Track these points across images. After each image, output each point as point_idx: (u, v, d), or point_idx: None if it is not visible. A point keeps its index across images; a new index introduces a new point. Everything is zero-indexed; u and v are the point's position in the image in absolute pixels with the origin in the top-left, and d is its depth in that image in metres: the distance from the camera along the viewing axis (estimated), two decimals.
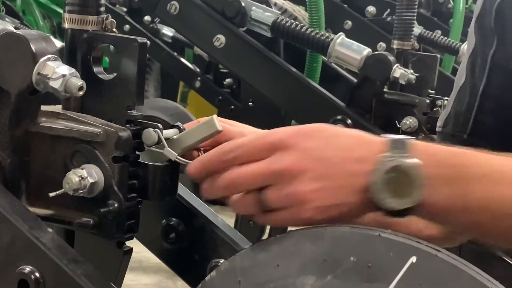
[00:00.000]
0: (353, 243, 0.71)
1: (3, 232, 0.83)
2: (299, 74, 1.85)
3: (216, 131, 0.86)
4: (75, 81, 0.84)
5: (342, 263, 0.70)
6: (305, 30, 1.83)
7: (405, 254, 0.68)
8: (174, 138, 0.87)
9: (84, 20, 0.88)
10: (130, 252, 0.91)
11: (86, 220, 0.87)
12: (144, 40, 0.87)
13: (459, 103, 1.13)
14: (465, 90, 1.13)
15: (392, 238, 0.70)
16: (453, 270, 0.67)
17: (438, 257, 0.67)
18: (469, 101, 1.11)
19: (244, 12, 1.87)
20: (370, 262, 0.69)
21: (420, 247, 0.68)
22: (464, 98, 1.12)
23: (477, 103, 1.10)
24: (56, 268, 0.80)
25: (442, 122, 1.16)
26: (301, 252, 0.73)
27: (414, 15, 2.03)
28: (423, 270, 0.67)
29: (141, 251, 0.99)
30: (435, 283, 0.67)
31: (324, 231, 0.73)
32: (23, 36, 0.84)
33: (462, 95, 1.13)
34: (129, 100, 0.87)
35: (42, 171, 0.89)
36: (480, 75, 1.10)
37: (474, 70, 1.11)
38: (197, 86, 2.94)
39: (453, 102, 1.15)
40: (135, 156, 0.87)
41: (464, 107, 1.12)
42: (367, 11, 2.86)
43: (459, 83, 1.15)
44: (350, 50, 1.78)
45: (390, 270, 0.68)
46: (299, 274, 0.72)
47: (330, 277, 0.70)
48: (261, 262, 0.75)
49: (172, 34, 3.01)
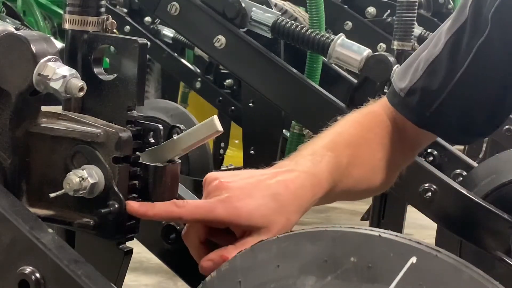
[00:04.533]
0: (353, 244, 0.71)
1: (4, 232, 0.83)
2: (300, 75, 1.85)
3: (216, 131, 0.86)
4: (76, 82, 0.84)
5: (343, 264, 0.70)
6: (305, 31, 1.83)
7: (405, 254, 0.68)
8: (175, 139, 0.88)
9: (85, 21, 0.88)
10: (131, 253, 0.92)
11: (86, 220, 0.87)
12: (145, 41, 0.87)
13: (430, 78, 1.09)
14: (440, 66, 1.08)
15: (392, 238, 0.70)
16: (453, 270, 0.67)
17: (438, 258, 0.67)
18: (442, 82, 1.08)
19: (244, 13, 1.87)
20: (370, 263, 0.69)
21: (420, 248, 0.68)
22: (438, 75, 1.08)
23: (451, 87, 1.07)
24: (57, 268, 0.80)
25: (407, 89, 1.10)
26: (302, 253, 0.73)
27: (414, 16, 2.03)
28: (423, 270, 0.67)
29: (141, 251, 0.99)
30: (435, 283, 0.67)
31: (324, 232, 0.73)
32: (23, 37, 0.84)
33: (436, 69, 1.09)
34: (129, 100, 0.87)
35: (43, 172, 0.89)
36: (462, 60, 1.06)
37: (457, 52, 1.07)
38: (198, 87, 2.94)
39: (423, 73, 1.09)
40: (135, 157, 0.87)
41: (436, 86, 1.08)
42: (367, 12, 2.86)
43: (434, 52, 1.09)
44: (350, 51, 1.78)
45: (390, 270, 0.68)
46: (299, 274, 0.72)
47: (331, 278, 0.70)
48: (261, 263, 0.75)
49: (173, 35, 3.01)
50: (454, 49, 1.08)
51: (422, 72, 1.10)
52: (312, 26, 1.87)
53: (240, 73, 1.92)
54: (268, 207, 0.87)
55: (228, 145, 3.16)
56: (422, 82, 1.10)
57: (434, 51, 1.10)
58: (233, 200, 0.86)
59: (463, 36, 1.06)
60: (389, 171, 1.12)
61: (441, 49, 1.09)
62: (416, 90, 1.10)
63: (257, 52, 1.84)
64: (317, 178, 0.95)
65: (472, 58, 1.06)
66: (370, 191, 1.13)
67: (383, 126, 1.11)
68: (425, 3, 3.08)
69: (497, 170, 1.80)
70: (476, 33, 1.05)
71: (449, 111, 1.09)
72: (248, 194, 0.87)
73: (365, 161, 1.07)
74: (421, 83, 1.10)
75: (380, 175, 1.10)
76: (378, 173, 1.09)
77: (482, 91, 1.08)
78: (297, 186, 0.91)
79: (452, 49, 1.08)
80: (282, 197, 0.89)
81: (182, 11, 1.87)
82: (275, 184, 0.90)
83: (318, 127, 1.81)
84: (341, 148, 1.03)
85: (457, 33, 1.08)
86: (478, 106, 1.09)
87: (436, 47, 1.10)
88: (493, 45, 1.04)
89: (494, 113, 1.11)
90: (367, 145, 1.08)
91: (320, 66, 1.94)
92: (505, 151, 2.01)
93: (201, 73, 2.95)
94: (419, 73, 1.11)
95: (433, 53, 1.10)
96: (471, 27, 1.06)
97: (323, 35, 1.81)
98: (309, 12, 1.90)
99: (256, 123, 2.18)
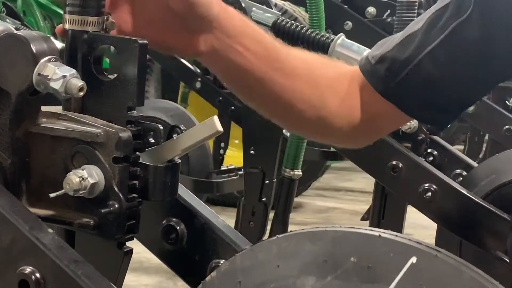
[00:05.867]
0: (353, 244, 0.71)
1: (4, 232, 0.83)
2: None
3: (216, 131, 0.86)
4: (76, 82, 0.84)
5: (343, 264, 0.70)
6: (305, 31, 1.83)
7: (405, 254, 0.68)
8: (175, 139, 0.88)
9: (85, 21, 0.88)
10: (131, 253, 0.92)
11: (86, 220, 0.87)
12: (145, 41, 0.87)
13: (402, 49, 1.09)
14: (413, 39, 1.09)
15: (393, 238, 0.70)
16: (453, 270, 0.67)
17: (438, 258, 0.67)
18: (412, 53, 1.08)
19: (244, 12, 1.87)
20: (370, 263, 0.69)
21: (420, 248, 0.68)
22: (408, 46, 1.09)
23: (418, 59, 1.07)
24: (57, 268, 0.80)
25: (378, 56, 1.11)
26: (302, 253, 0.73)
27: (415, 16, 2.03)
28: (423, 270, 0.67)
29: (141, 251, 0.99)
30: (435, 283, 0.67)
31: (324, 232, 0.73)
32: (23, 37, 0.84)
33: (409, 41, 1.09)
34: (129, 101, 0.87)
35: (43, 172, 0.89)
36: (435, 35, 1.07)
37: (433, 27, 1.08)
38: (198, 87, 2.94)
39: (396, 44, 1.10)
40: (135, 157, 0.87)
41: (404, 57, 1.08)
42: (368, 12, 2.86)
43: (413, 27, 1.11)
44: (351, 51, 1.78)
45: (391, 270, 0.68)
46: (299, 274, 0.72)
47: (331, 278, 0.70)
48: (261, 263, 0.75)
49: None
50: (431, 25, 1.08)
51: (396, 43, 1.11)
52: (312, 26, 1.87)
53: None
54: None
55: (228, 145, 3.16)
56: (394, 52, 1.10)
57: (415, 27, 1.11)
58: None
59: (444, 14, 1.07)
60: (325, 120, 1.10)
61: (421, 25, 1.10)
62: (386, 58, 1.10)
63: None
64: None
65: (446, 35, 1.06)
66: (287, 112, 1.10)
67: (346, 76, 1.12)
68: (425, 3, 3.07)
69: (497, 170, 1.80)
70: (457, 13, 1.06)
71: (413, 83, 1.09)
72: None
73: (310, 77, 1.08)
74: (392, 53, 1.10)
75: (314, 118, 1.09)
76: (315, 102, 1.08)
77: (451, 68, 1.08)
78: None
79: (429, 25, 1.09)
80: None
81: None
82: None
83: None
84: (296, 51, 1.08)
85: (439, 11, 1.09)
86: (445, 83, 1.09)
87: (417, 23, 1.11)
88: (472, 26, 1.05)
89: (462, 93, 1.11)
90: (322, 70, 1.10)
91: None
92: (505, 151, 2.01)
93: (201, 73, 2.95)
94: (393, 44, 1.11)
95: (413, 27, 1.11)
96: (454, 7, 1.07)
97: (323, 35, 1.81)
98: (309, 12, 1.90)
99: (256, 123, 2.18)
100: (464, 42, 1.06)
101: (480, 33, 1.04)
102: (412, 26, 1.12)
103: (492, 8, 1.04)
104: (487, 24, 1.04)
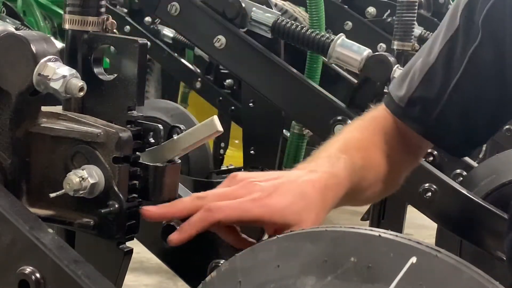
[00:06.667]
0: (353, 244, 0.71)
1: (4, 232, 0.83)
2: (300, 75, 1.85)
3: (216, 131, 0.86)
4: (76, 82, 0.84)
5: (343, 264, 0.70)
6: (305, 31, 1.83)
7: (405, 254, 0.68)
8: (175, 139, 0.88)
9: (85, 21, 0.88)
10: (131, 253, 0.92)
11: (86, 220, 0.87)
12: (145, 41, 0.87)
13: (428, 87, 1.11)
14: (436, 75, 1.10)
15: (393, 238, 0.70)
16: (453, 270, 0.67)
17: (438, 258, 0.67)
18: (439, 91, 1.09)
19: (244, 13, 1.87)
20: (370, 263, 0.69)
21: (420, 248, 0.68)
22: (435, 83, 1.10)
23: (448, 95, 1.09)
24: (57, 268, 0.80)
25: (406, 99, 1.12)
26: (302, 253, 0.73)
27: (415, 16, 2.03)
28: (423, 270, 0.67)
29: (141, 251, 0.99)
30: (435, 283, 0.67)
31: (324, 232, 0.73)
32: (23, 37, 0.84)
33: (432, 78, 1.11)
34: (129, 101, 0.87)
35: (43, 172, 0.89)
36: (457, 66, 1.08)
37: (451, 59, 1.09)
38: (198, 87, 2.94)
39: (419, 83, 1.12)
40: (135, 157, 0.87)
41: (434, 95, 1.10)
42: (368, 12, 2.86)
43: (428, 61, 1.12)
44: (351, 51, 1.78)
45: (390, 270, 0.68)
46: (299, 274, 0.72)
47: (331, 278, 0.70)
48: (261, 263, 0.75)
49: (173, 35, 3.01)
50: (448, 56, 1.10)
51: (419, 82, 1.12)
52: (312, 26, 1.87)
53: (240, 73, 1.91)
54: (298, 205, 0.90)
55: (228, 145, 3.16)
56: (420, 91, 1.12)
57: (429, 60, 1.12)
58: (266, 199, 0.89)
59: (457, 43, 1.09)
60: (396, 173, 1.14)
61: (436, 57, 1.11)
62: (416, 100, 1.12)
63: (257, 52, 1.84)
64: (338, 178, 0.98)
65: (466, 63, 1.08)
66: (381, 193, 1.16)
67: (387, 131, 1.13)
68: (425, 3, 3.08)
69: (497, 170, 1.80)
70: (469, 39, 1.07)
71: (449, 118, 1.11)
72: (278, 193, 0.90)
73: (376, 163, 1.09)
74: (419, 92, 1.12)
75: (389, 178, 1.12)
76: (387, 176, 1.11)
77: (479, 94, 1.09)
78: (321, 185, 0.94)
79: (447, 57, 1.10)
80: (309, 196, 0.92)
81: (182, 11, 1.87)
82: (302, 184, 0.93)
83: (318, 127, 1.82)
84: (353, 151, 1.05)
85: (451, 41, 1.10)
86: (477, 110, 1.10)
87: (430, 56, 1.12)
88: (486, 49, 1.06)
89: (495, 114, 1.12)
90: (375, 148, 1.11)
91: (320, 66, 1.94)
92: (505, 151, 2.01)
93: (201, 73, 2.95)
94: (416, 82, 1.13)
95: (428, 62, 1.12)
96: (464, 34, 1.08)
97: (323, 35, 1.81)
98: (309, 12, 1.90)
99: (256, 123, 2.18)
100: (483, 66, 1.07)
101: (493, 53, 1.06)
102: (425, 59, 1.13)
103: (498, 29, 1.05)
104: (497, 44, 1.06)
